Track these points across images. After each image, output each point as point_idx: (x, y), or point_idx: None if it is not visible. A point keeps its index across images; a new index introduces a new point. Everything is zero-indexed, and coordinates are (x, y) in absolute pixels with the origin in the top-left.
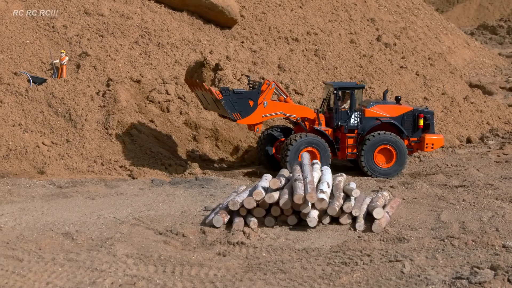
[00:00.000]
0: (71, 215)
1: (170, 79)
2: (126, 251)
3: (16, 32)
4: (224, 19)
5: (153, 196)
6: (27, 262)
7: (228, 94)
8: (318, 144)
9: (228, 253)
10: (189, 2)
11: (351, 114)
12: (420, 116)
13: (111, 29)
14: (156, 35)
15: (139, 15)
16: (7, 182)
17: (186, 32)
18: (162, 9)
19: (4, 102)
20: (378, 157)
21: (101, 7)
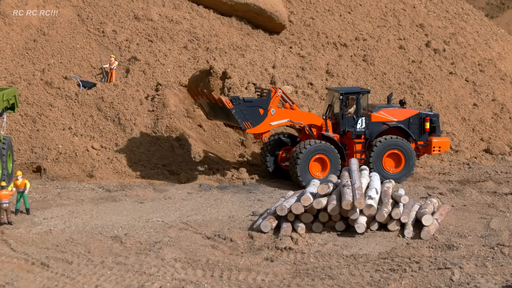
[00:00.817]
0: (120, 219)
1: None
2: (174, 255)
3: (66, 37)
4: (273, 24)
5: (201, 200)
6: (76, 265)
7: (239, 103)
8: (328, 150)
9: (276, 259)
10: (238, 8)
11: (357, 119)
12: (426, 119)
13: (160, 34)
14: (205, 40)
15: (188, 20)
16: (57, 185)
17: (234, 37)
18: (211, 14)
19: (55, 106)
20: (387, 162)
21: (150, 12)
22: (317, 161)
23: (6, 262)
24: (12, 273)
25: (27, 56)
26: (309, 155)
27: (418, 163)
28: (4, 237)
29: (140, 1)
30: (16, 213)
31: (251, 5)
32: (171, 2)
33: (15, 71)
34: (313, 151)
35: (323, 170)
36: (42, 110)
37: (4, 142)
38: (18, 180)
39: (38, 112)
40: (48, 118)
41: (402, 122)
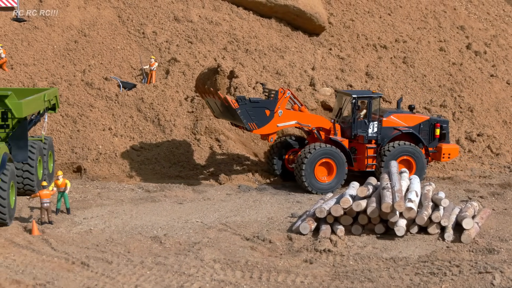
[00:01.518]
0: (159, 219)
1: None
2: (214, 256)
3: (107, 38)
4: (312, 26)
5: (240, 201)
6: (116, 265)
7: (244, 103)
8: (335, 155)
9: (315, 261)
10: (278, 9)
11: (369, 123)
12: (437, 126)
13: (200, 36)
14: (244, 41)
15: (228, 22)
16: (97, 186)
17: (274, 39)
18: (251, 16)
19: (95, 106)
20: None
21: (190, 13)
22: (323, 165)
23: (47, 261)
24: (53, 272)
25: (68, 57)
26: (315, 159)
27: (458, 166)
28: (45, 236)
29: (180, 2)
30: (57, 212)
31: (291, 7)
32: (211, 4)
33: (56, 72)
34: (319, 155)
35: (329, 175)
36: (82, 110)
37: (45, 142)
38: (59, 180)
39: (79, 112)
40: (89, 118)
41: (412, 128)
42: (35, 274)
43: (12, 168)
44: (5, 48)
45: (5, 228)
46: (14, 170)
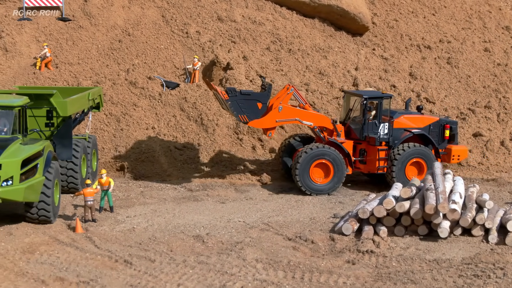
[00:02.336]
0: (201, 218)
1: (300, 86)
2: (256, 256)
3: (151, 38)
4: (356, 26)
5: (282, 201)
6: (159, 263)
7: (235, 95)
8: (332, 156)
9: (358, 261)
10: (321, 9)
11: (379, 125)
12: (446, 127)
13: (243, 35)
14: (288, 41)
15: (271, 22)
16: (140, 184)
17: (317, 39)
18: (294, 16)
19: (138, 105)
20: (410, 170)
21: (233, 13)
22: (319, 166)
23: (90, 259)
24: (96, 270)
25: (112, 56)
26: (309, 159)
27: (502, 167)
28: (89, 234)
29: (223, 2)
30: (100, 210)
31: (334, 7)
32: (254, 4)
33: (100, 71)
34: (315, 156)
35: (326, 177)
36: (126, 109)
37: (89, 141)
38: (103, 178)
39: (122, 111)
40: (132, 117)
41: (423, 129)
42: (79, 272)
43: (56, 166)
44: (50, 47)
45: (49, 225)
46: (58, 168)
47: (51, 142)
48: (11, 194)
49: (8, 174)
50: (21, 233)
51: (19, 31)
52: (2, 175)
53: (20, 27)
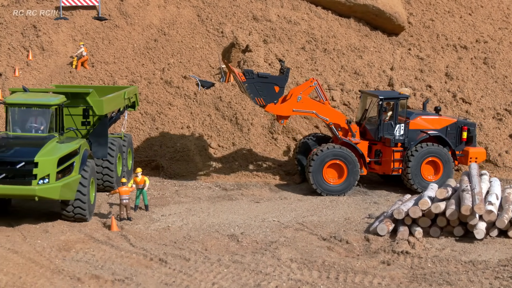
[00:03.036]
0: (236, 218)
1: (335, 85)
2: (290, 255)
3: (186, 37)
4: (391, 26)
5: (317, 201)
6: (193, 262)
7: (252, 77)
8: (346, 157)
9: (393, 262)
10: (357, 9)
11: (395, 126)
12: (464, 129)
13: (278, 35)
14: (323, 41)
15: (306, 21)
16: (175, 183)
17: (352, 38)
18: (329, 15)
19: (174, 105)
20: (425, 169)
21: (269, 13)
22: (333, 167)
23: (125, 257)
24: (131, 268)
25: (147, 55)
26: (323, 160)
27: None
28: (124, 232)
29: (259, 2)
30: (135, 209)
31: (370, 6)
32: (289, 3)
33: (136, 70)
34: (328, 156)
35: (339, 178)
36: (161, 108)
37: (124, 140)
38: (138, 177)
39: (158, 110)
40: (167, 116)
41: (439, 130)
42: (114, 270)
43: (92, 164)
44: (87, 46)
45: (84, 223)
46: (94, 167)
47: (87, 141)
48: (47, 192)
49: (45, 172)
50: (57, 231)
51: (55, 30)
52: (38, 173)
53: (57, 26)
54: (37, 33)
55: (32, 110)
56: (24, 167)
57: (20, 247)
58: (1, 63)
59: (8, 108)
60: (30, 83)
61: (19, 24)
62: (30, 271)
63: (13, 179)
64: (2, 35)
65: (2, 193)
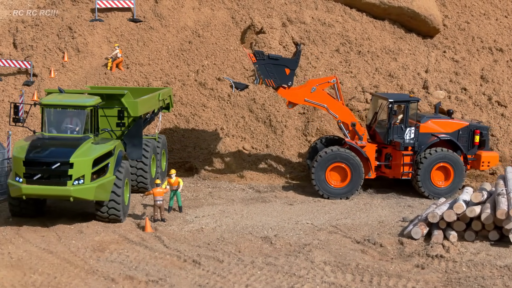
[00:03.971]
0: (269, 220)
1: (370, 88)
2: (324, 258)
3: (220, 39)
4: (426, 28)
5: (351, 204)
6: (227, 264)
7: (263, 58)
8: (350, 160)
9: (427, 266)
10: (391, 11)
11: (405, 129)
12: (476, 132)
13: (312, 37)
14: (357, 43)
15: (341, 24)
16: (208, 185)
17: (387, 41)
18: (364, 18)
19: (208, 106)
20: (436, 175)
21: (303, 15)
22: (336, 169)
23: (159, 258)
24: (165, 269)
25: (182, 57)
26: (326, 162)
27: None
28: (158, 233)
29: (293, 4)
30: (169, 210)
31: (405, 9)
32: (324, 5)
33: (170, 72)
34: (331, 158)
35: (343, 181)
36: (195, 110)
37: (159, 141)
38: (172, 179)
39: (192, 112)
40: (201, 118)
41: (451, 134)
42: (148, 271)
43: (126, 165)
44: (121, 48)
45: (119, 224)
46: (128, 168)
47: (121, 142)
48: (82, 192)
49: (80, 173)
50: (92, 231)
51: (91, 32)
52: (73, 174)
53: (92, 28)
54: (73, 34)
55: (67, 111)
56: (59, 168)
57: (55, 247)
58: (37, 65)
59: (44, 109)
60: (66, 84)
61: (55, 26)
62: (64, 271)
63: (49, 180)
64: (38, 36)
65: (38, 193)
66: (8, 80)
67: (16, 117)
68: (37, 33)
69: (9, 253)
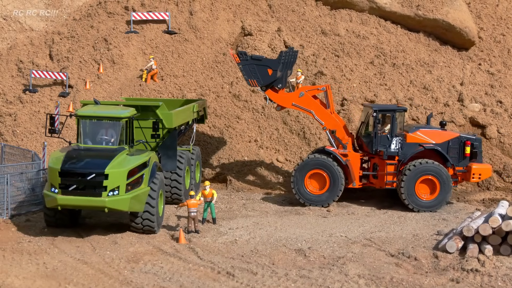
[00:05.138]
0: (303, 232)
1: (404, 100)
2: (358, 271)
3: None
4: (462, 40)
5: (385, 217)
6: (261, 276)
7: (246, 59)
8: (328, 167)
9: (462, 280)
10: (426, 23)
11: (391, 139)
12: (467, 144)
13: (347, 49)
14: (392, 55)
15: (375, 36)
16: (242, 196)
17: (422, 53)
18: (398, 30)
19: (242, 118)
20: (420, 188)
21: (337, 27)
22: (315, 177)
23: (193, 269)
24: (199, 281)
25: (216, 69)
26: (305, 168)
27: None
28: (192, 245)
29: (327, 16)
30: (203, 222)
31: (440, 21)
32: (358, 18)
33: (205, 84)
34: (310, 165)
35: (321, 188)
36: (229, 122)
37: (193, 153)
38: (206, 190)
39: (226, 124)
40: (235, 130)
41: (440, 145)
42: (182, 282)
43: (161, 177)
44: (156, 59)
45: (153, 235)
46: (163, 179)
47: (156, 153)
48: (117, 203)
49: (115, 184)
50: (126, 242)
51: (126, 44)
52: (108, 185)
53: (127, 40)
54: (108, 46)
55: (103, 122)
56: (94, 179)
57: (89, 258)
58: (73, 76)
59: (80, 120)
60: (101, 95)
61: (91, 38)
62: (99, 282)
63: (84, 191)
64: (74, 48)
65: (73, 204)
66: (44, 91)
67: (51, 128)
68: (73, 45)
69: (44, 263)
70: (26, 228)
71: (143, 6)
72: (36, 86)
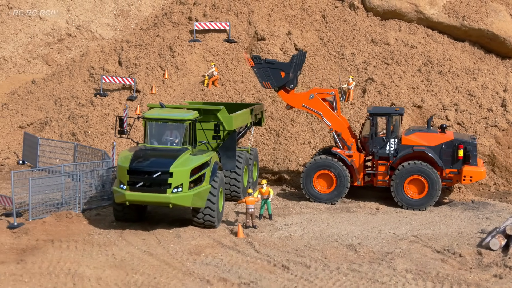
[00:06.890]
0: (353, 229)
1: (450, 106)
2: (406, 266)
3: (309, 58)
4: (505, 49)
5: (431, 215)
6: (314, 269)
7: (260, 62)
8: (334, 168)
9: (505, 276)
10: (472, 33)
11: (387, 141)
12: (460, 147)
13: (396, 57)
14: (438, 63)
15: (423, 45)
16: (296, 194)
17: (467, 61)
18: (445, 39)
19: (296, 121)
20: (410, 187)
21: (387, 36)
22: (323, 177)
23: (250, 262)
24: (256, 273)
25: None
26: (312, 169)
27: None
28: (249, 239)
29: (378, 26)
30: (260, 218)
31: (485, 31)
32: (407, 27)
33: (262, 89)
34: (317, 166)
35: (329, 187)
36: (285, 125)
37: (251, 153)
38: (263, 188)
39: (281, 126)
40: (290, 132)
41: (433, 147)
42: (240, 274)
43: (221, 176)
44: (217, 66)
45: (213, 230)
46: (223, 178)
47: (217, 154)
48: (180, 200)
49: (179, 181)
50: (188, 236)
51: (189, 52)
52: (173, 182)
53: (191, 48)
54: (173, 54)
55: (168, 124)
56: (160, 177)
57: (154, 250)
58: (140, 81)
59: (147, 122)
60: (166, 99)
61: (157, 46)
62: (163, 273)
63: (150, 187)
64: (141, 55)
65: (140, 200)
66: (114, 95)
67: (120, 129)
68: (140, 52)
69: (113, 254)
70: (96, 221)
71: (205, 16)
72: (106, 91)
